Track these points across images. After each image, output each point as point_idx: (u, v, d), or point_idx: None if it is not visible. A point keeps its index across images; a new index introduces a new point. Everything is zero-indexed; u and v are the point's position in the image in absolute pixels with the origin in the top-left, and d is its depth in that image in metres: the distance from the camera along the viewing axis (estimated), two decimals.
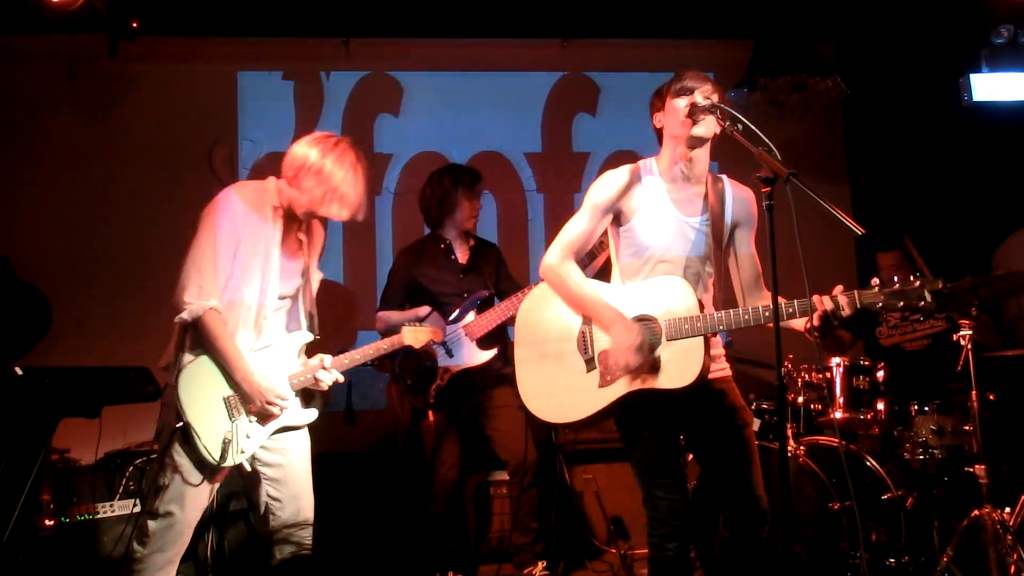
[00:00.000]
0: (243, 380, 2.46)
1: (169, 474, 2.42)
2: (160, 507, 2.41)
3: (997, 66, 4.34)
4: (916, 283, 2.09)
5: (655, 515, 2.32)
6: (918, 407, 3.38)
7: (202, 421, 2.42)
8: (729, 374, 2.47)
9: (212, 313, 2.42)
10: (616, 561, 3.88)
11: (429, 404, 3.54)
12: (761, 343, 2.71)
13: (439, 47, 5.10)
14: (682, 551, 2.30)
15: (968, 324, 3.07)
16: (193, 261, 2.43)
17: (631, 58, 5.11)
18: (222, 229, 2.45)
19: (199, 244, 2.45)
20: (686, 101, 2.34)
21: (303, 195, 2.51)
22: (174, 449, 2.42)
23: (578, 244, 2.42)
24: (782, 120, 4.63)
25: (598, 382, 2.32)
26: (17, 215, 4.71)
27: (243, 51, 4.97)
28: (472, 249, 3.72)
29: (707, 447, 2.41)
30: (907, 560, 3.29)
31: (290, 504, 2.53)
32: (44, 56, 4.78)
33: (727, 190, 2.48)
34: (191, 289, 2.40)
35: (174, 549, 2.45)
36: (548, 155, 5.19)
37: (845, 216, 1.97)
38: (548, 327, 2.42)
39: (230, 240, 2.46)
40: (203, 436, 2.41)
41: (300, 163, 2.50)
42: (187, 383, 2.43)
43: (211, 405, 2.45)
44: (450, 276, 3.64)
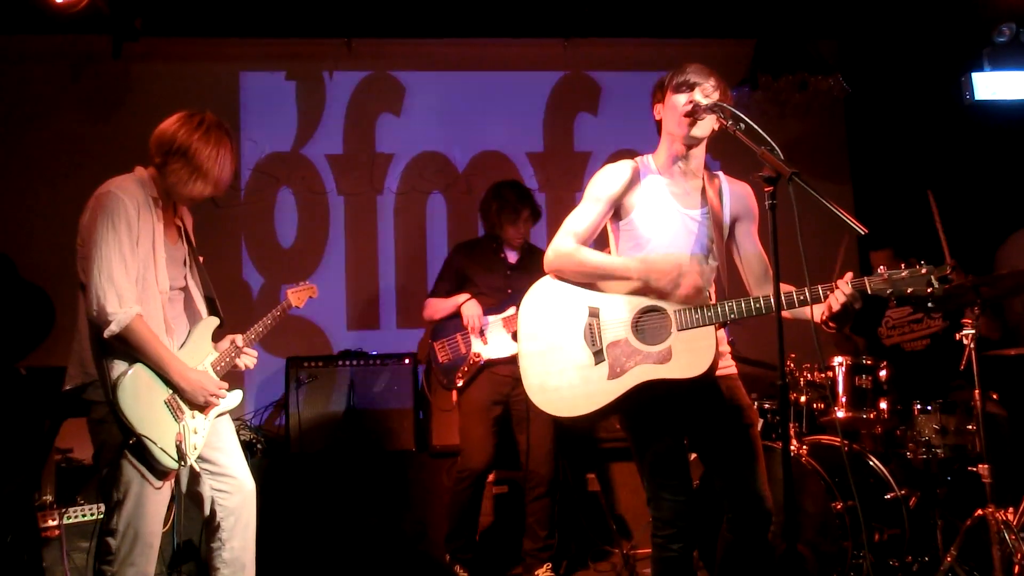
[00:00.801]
0: (181, 379, 2.42)
1: (123, 490, 2.34)
2: (120, 524, 2.34)
3: (999, 64, 4.34)
4: (923, 270, 2.09)
5: (660, 515, 2.31)
6: (921, 406, 3.37)
7: (153, 429, 2.36)
8: (735, 372, 2.46)
9: (138, 319, 2.33)
10: (619, 561, 3.88)
11: (455, 386, 3.65)
12: (763, 343, 2.71)
13: (441, 47, 5.10)
14: (686, 552, 2.30)
15: (970, 323, 3.06)
16: (101, 271, 2.31)
17: (632, 57, 5.11)
18: (121, 232, 2.34)
19: (103, 253, 2.32)
20: (686, 98, 2.32)
21: (170, 178, 2.46)
22: (123, 464, 2.34)
23: (583, 235, 2.39)
24: (784, 119, 4.64)
25: (607, 374, 2.28)
26: (20, 215, 4.72)
27: (246, 51, 4.98)
28: (524, 251, 3.81)
29: (712, 446, 2.40)
30: (910, 560, 3.29)
31: (236, 493, 2.54)
32: (48, 56, 4.79)
33: (724, 186, 2.48)
34: (110, 300, 2.30)
35: (142, 561, 2.38)
36: (549, 155, 5.19)
37: (847, 215, 1.97)
38: (554, 320, 2.38)
39: (130, 242, 2.36)
40: (158, 443, 2.36)
41: (167, 149, 2.44)
42: (126, 395, 2.34)
43: (155, 411, 2.39)
44: (498, 272, 3.75)
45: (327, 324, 4.92)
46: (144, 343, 2.35)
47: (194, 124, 2.47)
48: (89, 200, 2.42)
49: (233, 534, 2.53)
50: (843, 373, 3.49)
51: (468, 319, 3.61)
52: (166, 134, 2.46)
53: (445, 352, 3.70)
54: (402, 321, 4.97)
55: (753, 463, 2.34)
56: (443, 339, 3.72)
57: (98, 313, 2.30)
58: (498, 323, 3.62)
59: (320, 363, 4.21)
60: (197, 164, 2.45)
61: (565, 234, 2.39)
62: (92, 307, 2.31)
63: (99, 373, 2.35)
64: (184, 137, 2.44)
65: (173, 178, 2.45)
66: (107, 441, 2.36)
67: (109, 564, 2.34)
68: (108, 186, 2.42)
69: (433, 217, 5.08)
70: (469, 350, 3.63)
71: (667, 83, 2.40)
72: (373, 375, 4.19)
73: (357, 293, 4.98)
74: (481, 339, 3.62)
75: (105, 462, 2.36)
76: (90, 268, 2.32)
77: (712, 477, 2.41)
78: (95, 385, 2.37)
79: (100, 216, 2.34)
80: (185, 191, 2.48)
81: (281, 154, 4.98)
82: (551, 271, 2.41)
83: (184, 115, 2.51)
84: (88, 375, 2.38)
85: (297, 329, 4.86)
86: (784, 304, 2.18)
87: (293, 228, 4.98)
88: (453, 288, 3.77)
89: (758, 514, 2.32)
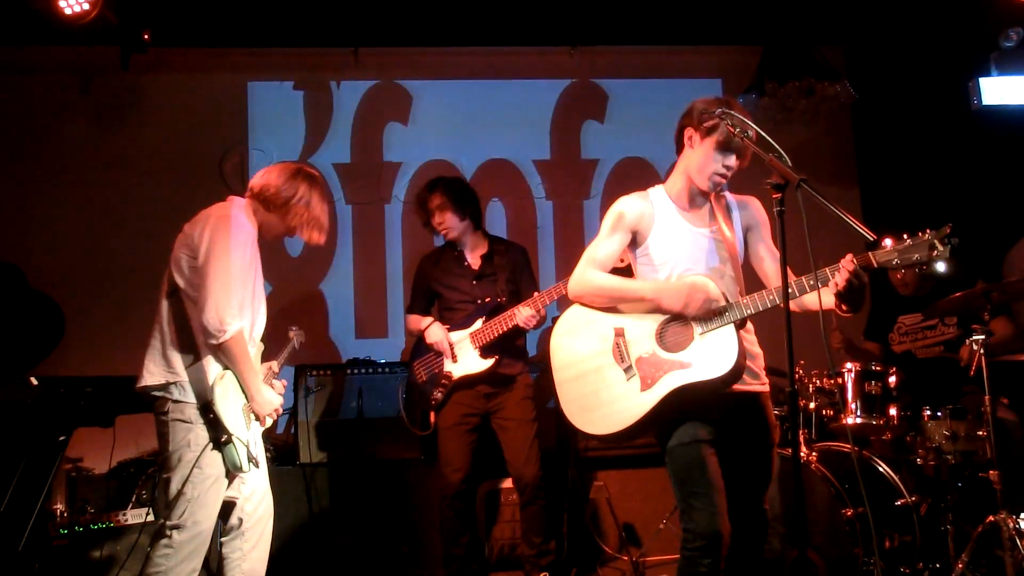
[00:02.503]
0: (257, 392, 2.63)
1: (197, 487, 2.47)
2: (187, 518, 2.46)
3: (1006, 70, 4.34)
4: (925, 235, 2.10)
5: (691, 527, 2.29)
6: (931, 412, 3.36)
7: (237, 431, 2.56)
8: (768, 390, 2.49)
9: (240, 333, 2.53)
10: (628, 568, 3.87)
11: (431, 406, 3.62)
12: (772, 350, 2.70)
13: (448, 55, 5.12)
14: (715, 568, 2.24)
15: (980, 328, 3.05)
16: (224, 283, 2.50)
17: (639, 65, 5.12)
18: (243, 256, 2.58)
19: (227, 265, 2.52)
20: (721, 161, 2.36)
21: (285, 222, 2.75)
22: (205, 461, 2.49)
23: (603, 261, 2.48)
24: (791, 125, 4.63)
25: (639, 387, 2.35)
26: (30, 225, 4.76)
27: (253, 61, 5.01)
28: (485, 255, 3.74)
29: (732, 458, 2.40)
30: (921, 567, 3.27)
31: (261, 503, 2.68)
32: (57, 68, 4.83)
33: (731, 202, 2.56)
34: (228, 310, 2.48)
35: (199, 557, 2.50)
36: (557, 162, 5.20)
37: (856, 221, 1.98)
38: (583, 347, 2.47)
39: (250, 263, 2.61)
40: (242, 445, 2.55)
41: (289, 195, 2.72)
42: (221, 398, 2.52)
43: (238, 417, 2.59)
44: (463, 283, 3.70)
45: (335, 333, 4.93)
46: (240, 355, 2.55)
47: (311, 179, 2.78)
48: (203, 216, 2.63)
49: (256, 544, 2.64)
50: (852, 379, 3.47)
51: (434, 345, 3.61)
52: (286, 183, 2.73)
53: (422, 371, 3.69)
54: None
55: (765, 481, 2.42)
56: (420, 358, 3.72)
57: (216, 321, 2.46)
58: (465, 340, 3.58)
59: (328, 371, 4.21)
60: (316, 215, 2.77)
61: (586, 263, 2.49)
62: (211, 314, 2.46)
63: (191, 374, 2.51)
64: (306, 190, 2.75)
65: (295, 221, 2.75)
66: (192, 439, 2.49)
67: (166, 558, 2.44)
68: (229, 210, 2.65)
69: None
70: (441, 370, 3.61)
71: (708, 121, 2.35)
72: (381, 383, 4.19)
73: (365, 302, 4.99)
74: (452, 358, 3.59)
75: (185, 460, 2.47)
76: (212, 280, 2.49)
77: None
78: (179, 385, 2.51)
79: (225, 236, 2.56)
80: (304, 236, 2.79)
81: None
82: (574, 298, 2.52)
83: (298, 167, 2.81)
84: (174, 374, 2.52)
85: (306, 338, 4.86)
86: (796, 291, 2.22)
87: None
88: (426, 303, 3.80)
89: (757, 523, 2.40)
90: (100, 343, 4.55)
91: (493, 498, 4.01)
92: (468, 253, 3.75)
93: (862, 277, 2.13)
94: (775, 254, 2.51)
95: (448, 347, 3.58)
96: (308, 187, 2.74)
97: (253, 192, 2.74)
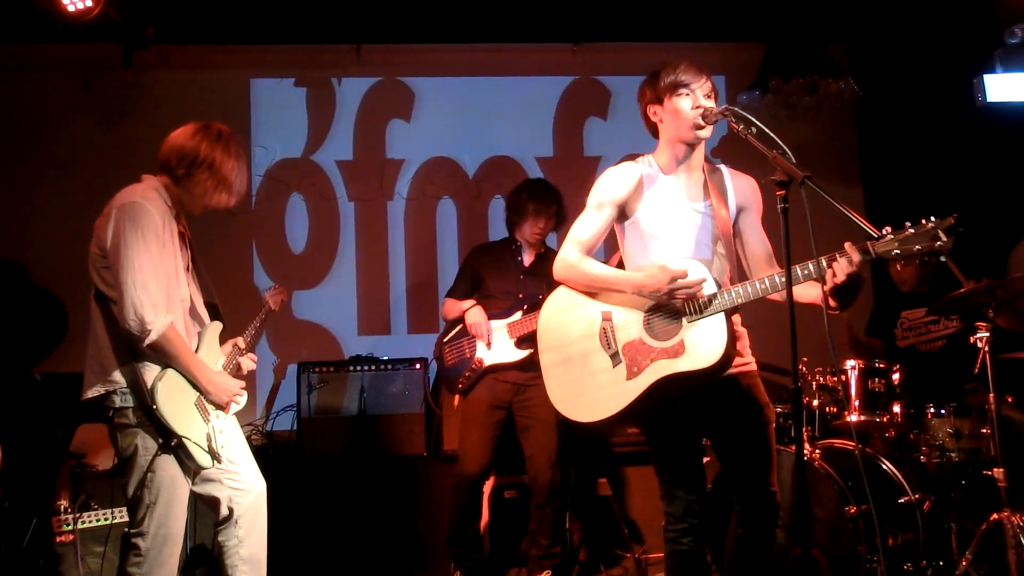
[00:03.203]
0: (208, 382, 2.47)
1: (155, 492, 2.37)
2: (151, 526, 2.37)
3: (1011, 66, 4.31)
4: (929, 224, 2.05)
5: (672, 511, 2.32)
6: (934, 410, 3.35)
7: (190, 430, 2.42)
8: (755, 369, 2.45)
9: (171, 327, 2.37)
10: (631, 566, 3.87)
11: (456, 389, 3.64)
12: (775, 347, 2.69)
13: (450, 52, 5.11)
14: (698, 546, 2.31)
15: (985, 326, 3.04)
16: (136, 281, 2.32)
17: (642, 61, 5.02)
18: (151, 242, 2.38)
19: (135, 263, 2.33)
20: (689, 102, 2.32)
21: (195, 189, 2.49)
22: (157, 467, 2.37)
23: (589, 242, 2.42)
24: (794, 122, 4.62)
25: (625, 375, 2.30)
26: (33, 222, 4.76)
27: (255, 58, 5.01)
28: (539, 255, 3.78)
29: (728, 442, 2.41)
30: (925, 564, 3.26)
31: (251, 490, 2.58)
32: (60, 65, 4.83)
33: (727, 177, 2.49)
34: (147, 309, 2.31)
35: (173, 561, 2.42)
36: (559, 159, 5.19)
37: (860, 218, 1.97)
38: (570, 329, 2.41)
39: (159, 252, 2.40)
40: (195, 444, 2.41)
41: (191, 159, 2.47)
42: (163, 399, 2.37)
43: (188, 413, 2.44)
44: (512, 275, 3.73)
45: (338, 329, 4.94)
46: (177, 350, 2.39)
47: (214, 136, 2.51)
48: (108, 208, 2.43)
49: (251, 531, 2.56)
50: (856, 376, 3.47)
51: (472, 327, 3.61)
52: (187, 145, 2.49)
53: (452, 355, 3.71)
54: (413, 326, 4.98)
55: (767, 461, 2.36)
56: (451, 342, 3.73)
57: (137, 323, 2.31)
58: (503, 329, 3.61)
59: (331, 368, 4.22)
60: (222, 176, 2.50)
61: (571, 244, 2.42)
62: (129, 316, 2.31)
63: (128, 379, 2.37)
64: (207, 149, 2.48)
65: (199, 189, 2.49)
66: (139, 445, 2.37)
67: (138, 566, 2.36)
68: (131, 195, 2.43)
69: (443, 222, 5.09)
70: (473, 355, 3.63)
71: (660, 84, 2.37)
72: (384, 380, 4.20)
73: (368, 298, 4.99)
74: (486, 345, 3.61)
75: (137, 466, 2.38)
76: (123, 278, 2.33)
77: (726, 476, 2.41)
78: (119, 392, 2.38)
79: (128, 226, 2.36)
80: (210, 201, 2.53)
81: (291, 160, 5.01)
82: (559, 280, 2.45)
83: (200, 126, 2.54)
84: (112, 382, 2.38)
85: (308, 334, 4.88)
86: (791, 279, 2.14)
87: (304, 234, 5.00)
88: (469, 288, 3.79)
89: (767, 508, 2.35)
90: None
91: (497, 494, 4.01)
92: (525, 251, 3.78)
93: (862, 268, 2.08)
94: (762, 238, 2.47)
95: (487, 331, 3.59)
96: (210, 145, 2.48)
97: (160, 164, 2.51)
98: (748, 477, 2.36)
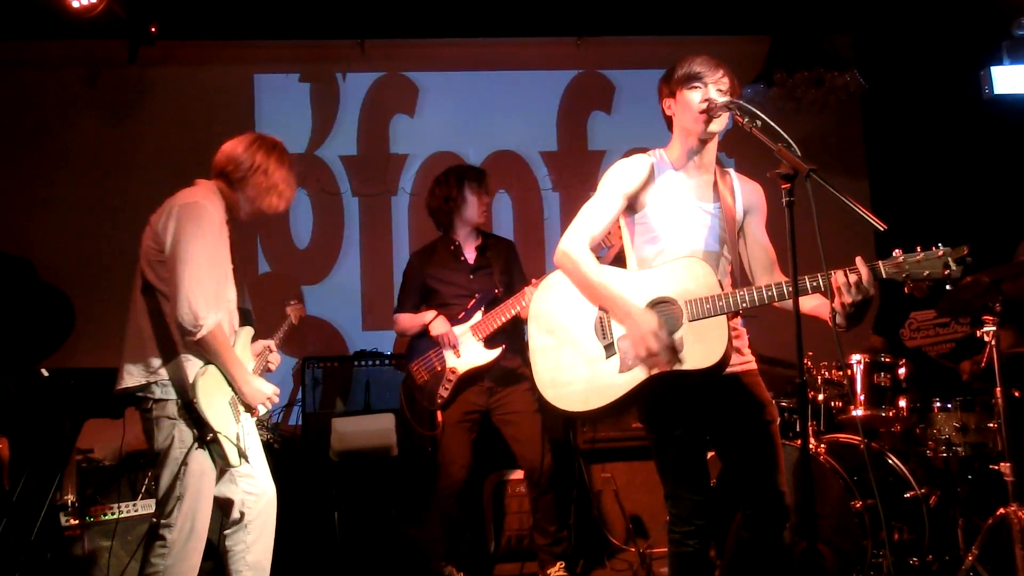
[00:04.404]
0: (244, 384, 2.55)
1: (187, 485, 2.42)
2: (179, 517, 2.41)
3: (1018, 58, 4.28)
4: (940, 251, 2.03)
5: (678, 512, 2.30)
6: (940, 404, 3.34)
7: (224, 427, 2.49)
8: (755, 367, 2.42)
9: (219, 326, 2.45)
10: (635, 560, 3.87)
11: (437, 405, 3.58)
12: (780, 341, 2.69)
13: (454, 47, 5.11)
14: (703, 548, 2.29)
15: (992, 320, 3.03)
16: (192, 277, 2.40)
17: (646, 55, 5.09)
18: (211, 244, 2.48)
19: (194, 258, 2.42)
20: (700, 95, 2.30)
21: (250, 192, 2.62)
22: (191, 460, 2.43)
23: (596, 230, 2.35)
24: (800, 115, 4.60)
25: (618, 368, 2.25)
26: (39, 218, 4.78)
27: (260, 53, 5.01)
28: (479, 248, 3.72)
29: (731, 443, 2.37)
30: (931, 559, 3.26)
31: (263, 495, 2.62)
32: (65, 61, 4.85)
33: (735, 181, 2.47)
34: (201, 304, 2.39)
35: (196, 556, 2.46)
36: (563, 154, 5.18)
37: (867, 212, 1.94)
38: (564, 314, 2.35)
39: (216, 253, 2.50)
40: (228, 441, 2.48)
41: (248, 165, 2.61)
42: (203, 394, 2.44)
43: (223, 411, 2.51)
44: (460, 277, 3.67)
45: (343, 324, 4.95)
46: (221, 348, 2.47)
47: (269, 145, 2.68)
48: (167, 206, 2.52)
49: (260, 537, 2.60)
50: (861, 371, 3.45)
51: (439, 337, 3.55)
52: (243, 153, 2.63)
53: (421, 372, 3.62)
54: None
55: (773, 461, 2.31)
56: (418, 359, 3.63)
57: (190, 317, 2.38)
58: (467, 333, 3.55)
59: (336, 363, 4.23)
60: (275, 182, 2.64)
61: (578, 234, 2.33)
62: (183, 310, 2.38)
63: (171, 372, 2.45)
64: (262, 158, 2.63)
65: (254, 192, 2.63)
66: (176, 437, 2.43)
67: (162, 558, 2.41)
68: (193, 196, 2.54)
69: None
70: (444, 366, 3.57)
71: (675, 77, 2.36)
72: (389, 375, 4.20)
73: (372, 293, 4.99)
74: (454, 353, 3.56)
75: (172, 458, 2.43)
76: (180, 273, 2.40)
77: (730, 475, 2.39)
78: (160, 384, 2.45)
79: (190, 224, 2.45)
80: (263, 205, 2.66)
81: (296, 155, 4.96)
82: (558, 265, 2.37)
83: (255, 136, 2.70)
84: (154, 373, 2.45)
85: (313, 329, 4.88)
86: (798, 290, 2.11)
87: (308, 229, 5.01)
88: (419, 302, 3.71)
89: (776, 512, 2.29)
90: (110, 335, 4.50)
91: (500, 490, 4.02)
92: (464, 247, 3.72)
93: (872, 287, 2.04)
94: (766, 242, 2.46)
95: (454, 339, 3.55)
96: (265, 155, 2.64)
97: (215, 171, 2.63)
98: (754, 478, 2.31)
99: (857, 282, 2.05)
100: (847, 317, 2.09)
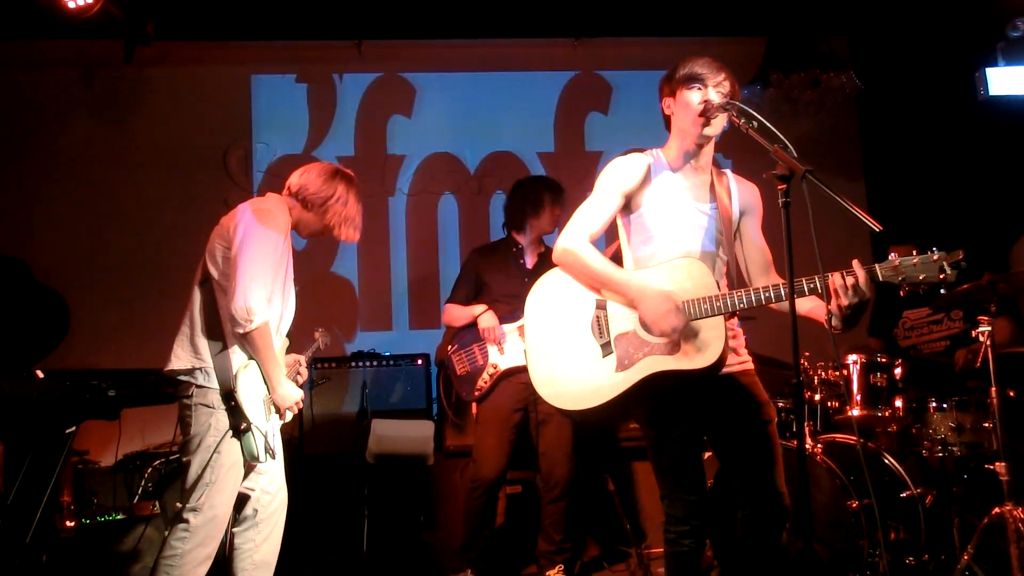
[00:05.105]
0: (279, 385, 2.65)
1: (216, 471, 2.50)
2: (205, 502, 2.48)
3: (1013, 60, 4.29)
4: (935, 256, 2.04)
5: (673, 512, 2.30)
6: (936, 404, 3.35)
7: (257, 421, 2.58)
8: (752, 367, 2.42)
9: (267, 324, 2.55)
10: (634, 561, 3.88)
11: (473, 397, 3.64)
12: (777, 341, 2.69)
13: (451, 48, 5.11)
14: (698, 547, 2.30)
15: (987, 320, 3.04)
16: (252, 273, 2.51)
17: (643, 56, 5.10)
18: (276, 250, 2.60)
19: (257, 258, 2.53)
20: (699, 96, 2.30)
21: (323, 220, 2.80)
22: (224, 448, 2.51)
23: (594, 228, 2.35)
24: (796, 116, 4.61)
25: (615, 367, 2.25)
26: (35, 219, 4.77)
27: (256, 54, 5.01)
28: (541, 255, 3.77)
29: (729, 443, 2.37)
30: (927, 558, 3.27)
31: (276, 496, 2.69)
32: (61, 62, 4.84)
33: (732, 182, 2.48)
34: (256, 300, 2.49)
35: (214, 543, 2.51)
36: (561, 154, 5.19)
37: (862, 213, 1.95)
38: (560, 313, 2.36)
39: (279, 259, 2.62)
40: (261, 435, 2.57)
41: (328, 195, 2.79)
42: (243, 386, 2.55)
43: (258, 406, 2.61)
44: (516, 279, 3.69)
45: (340, 325, 4.94)
46: (264, 346, 2.57)
47: (349, 180, 2.87)
48: (241, 208, 2.65)
49: (268, 536, 2.66)
50: (858, 371, 3.46)
51: (486, 331, 3.60)
52: (326, 184, 2.80)
53: (463, 363, 3.68)
54: (415, 322, 4.98)
55: (771, 461, 2.31)
56: (460, 350, 3.69)
57: (244, 309, 2.48)
58: (514, 332, 3.60)
59: (333, 364, 4.23)
60: (350, 214, 2.85)
61: (575, 230, 2.35)
62: (238, 302, 2.48)
63: (216, 362, 2.55)
64: (343, 191, 2.83)
65: (330, 217, 2.80)
66: (213, 425, 2.53)
67: (183, 541, 2.47)
68: (267, 204, 2.70)
69: (445, 218, 5.10)
70: (487, 361, 3.61)
71: (676, 76, 2.37)
72: (386, 376, 4.21)
73: (370, 294, 4.99)
74: (498, 349, 3.60)
75: (205, 445, 2.51)
76: (242, 268, 2.51)
77: (728, 475, 2.39)
78: (204, 371, 2.55)
79: (260, 229, 2.59)
80: (340, 234, 2.86)
81: (293, 156, 5.00)
82: (557, 263, 2.38)
83: (335, 169, 2.88)
84: (200, 360, 2.56)
85: (310, 330, 4.86)
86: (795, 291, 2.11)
87: None
88: (471, 294, 3.75)
89: (775, 513, 2.30)
90: (105, 336, 4.57)
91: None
92: (527, 251, 3.77)
93: (870, 290, 2.05)
94: (762, 243, 2.46)
95: (500, 335, 3.58)
96: (346, 187, 2.83)
97: (291, 190, 2.79)
98: (752, 478, 2.31)
99: (854, 285, 2.07)
100: (843, 319, 2.11)
